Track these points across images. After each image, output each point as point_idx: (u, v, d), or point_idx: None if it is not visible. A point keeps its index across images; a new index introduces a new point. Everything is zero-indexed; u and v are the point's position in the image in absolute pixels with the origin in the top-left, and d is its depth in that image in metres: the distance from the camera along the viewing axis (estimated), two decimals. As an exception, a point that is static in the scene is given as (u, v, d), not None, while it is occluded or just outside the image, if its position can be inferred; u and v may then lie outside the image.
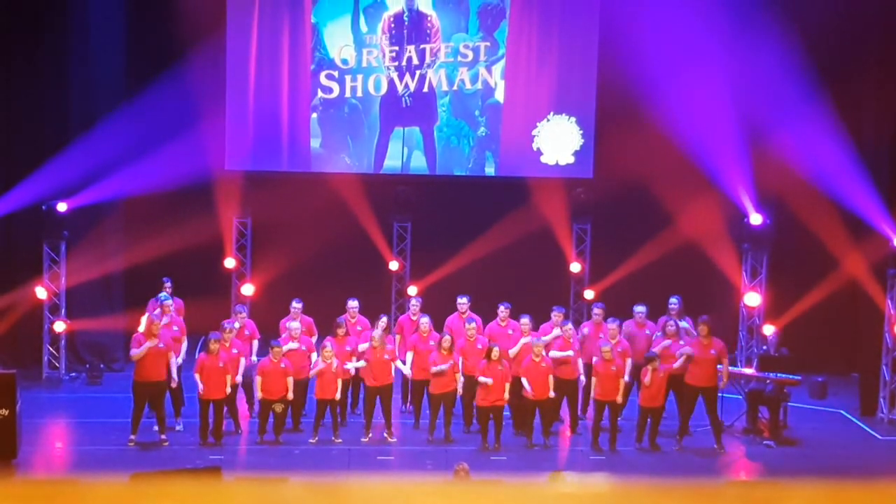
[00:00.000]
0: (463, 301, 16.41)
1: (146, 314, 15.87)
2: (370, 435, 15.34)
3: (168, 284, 16.82)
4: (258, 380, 15.12)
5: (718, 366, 15.47)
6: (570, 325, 15.93)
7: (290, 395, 15.14)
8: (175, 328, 15.92)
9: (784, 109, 18.33)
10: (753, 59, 18.55)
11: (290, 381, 15.12)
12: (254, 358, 15.94)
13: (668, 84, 18.25)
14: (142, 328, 15.35)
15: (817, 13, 17.97)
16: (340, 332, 15.68)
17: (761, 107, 18.53)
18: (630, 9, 18.76)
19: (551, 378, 15.14)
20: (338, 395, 15.19)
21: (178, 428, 15.50)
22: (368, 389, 15.41)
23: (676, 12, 18.32)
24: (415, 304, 16.79)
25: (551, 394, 15.13)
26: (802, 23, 18.18)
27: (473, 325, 15.75)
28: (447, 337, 15.45)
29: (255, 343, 16.17)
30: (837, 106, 18.16)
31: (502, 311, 16.15)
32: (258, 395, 15.19)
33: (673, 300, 16.55)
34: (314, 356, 15.58)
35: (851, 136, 18.09)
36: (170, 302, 16.23)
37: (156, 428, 15.15)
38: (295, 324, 15.76)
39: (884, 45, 18.45)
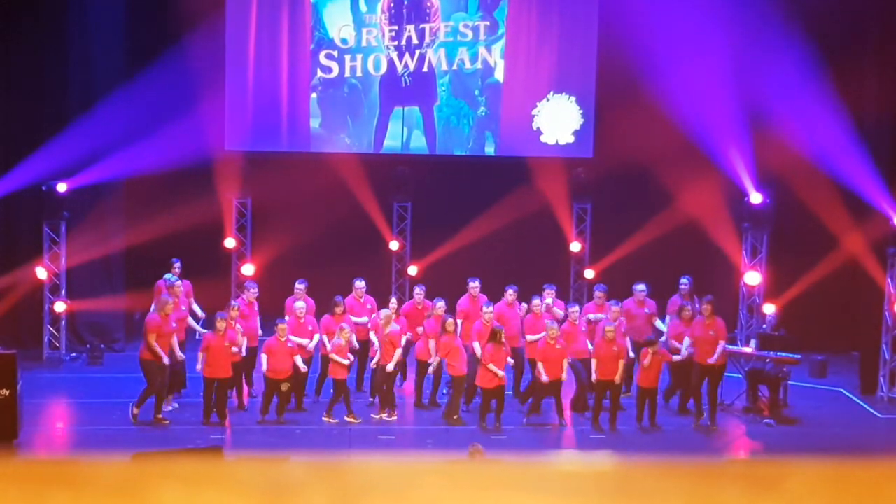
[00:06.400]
0: (475, 284, 16.36)
1: (158, 295, 15.81)
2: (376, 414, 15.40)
3: (177, 265, 16.77)
4: (264, 358, 15.07)
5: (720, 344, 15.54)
6: (576, 308, 15.97)
7: (304, 368, 15.13)
8: (182, 308, 15.93)
9: (784, 87, 18.28)
10: (754, 37, 18.49)
11: (298, 359, 15.12)
12: (259, 333, 15.95)
13: (668, 63, 18.20)
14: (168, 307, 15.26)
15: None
16: (338, 310, 15.66)
17: (762, 85, 18.49)
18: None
19: (565, 361, 15.19)
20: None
21: (173, 406, 15.46)
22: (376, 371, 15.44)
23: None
24: (419, 293, 16.55)
25: (563, 376, 15.20)
26: (803, 0, 18.13)
27: (491, 308, 15.66)
28: (450, 320, 15.40)
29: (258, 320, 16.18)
30: (838, 83, 18.11)
31: (510, 294, 16.12)
32: (264, 371, 15.15)
33: (683, 281, 16.58)
34: (315, 336, 15.58)
35: (852, 113, 18.04)
36: (178, 283, 16.18)
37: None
38: (300, 303, 15.74)
39: (885, 22, 18.39)
